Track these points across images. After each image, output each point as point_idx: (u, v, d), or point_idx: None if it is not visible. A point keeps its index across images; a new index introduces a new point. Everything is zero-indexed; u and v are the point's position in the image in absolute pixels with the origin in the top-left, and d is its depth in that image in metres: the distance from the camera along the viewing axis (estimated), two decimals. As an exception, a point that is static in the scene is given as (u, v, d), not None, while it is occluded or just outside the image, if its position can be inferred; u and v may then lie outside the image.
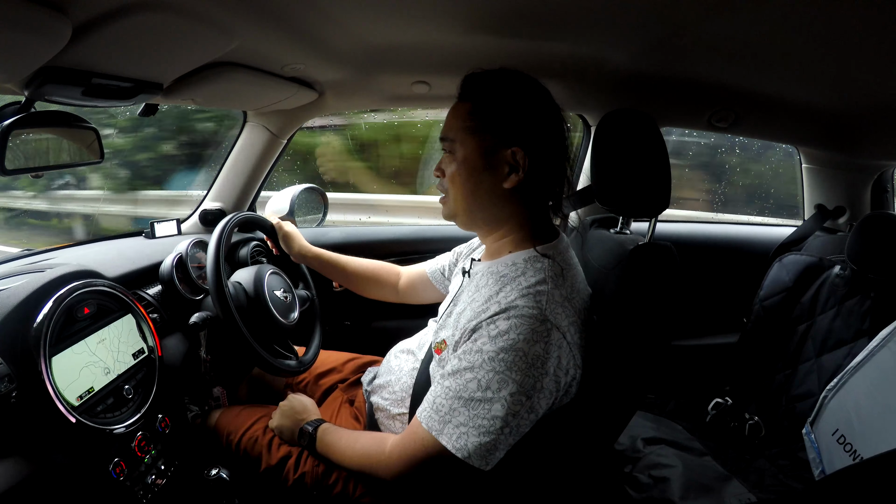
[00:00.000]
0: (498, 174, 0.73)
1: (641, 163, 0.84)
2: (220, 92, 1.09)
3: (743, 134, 1.49)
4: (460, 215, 0.79)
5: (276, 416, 0.95)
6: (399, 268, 1.18)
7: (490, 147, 0.73)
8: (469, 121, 0.74)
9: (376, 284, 1.16)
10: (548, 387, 0.66)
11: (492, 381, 0.65)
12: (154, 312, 1.04)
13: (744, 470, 1.20)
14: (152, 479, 0.88)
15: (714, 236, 1.72)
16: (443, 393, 0.69)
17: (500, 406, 0.64)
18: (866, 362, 1.03)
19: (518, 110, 0.73)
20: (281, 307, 1.04)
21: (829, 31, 0.79)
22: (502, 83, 0.74)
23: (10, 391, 0.70)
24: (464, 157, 0.74)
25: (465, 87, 0.77)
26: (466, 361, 0.67)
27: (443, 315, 0.85)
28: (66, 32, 0.59)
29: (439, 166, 0.79)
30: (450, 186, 0.77)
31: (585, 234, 1.02)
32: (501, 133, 0.72)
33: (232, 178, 1.49)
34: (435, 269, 1.10)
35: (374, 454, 0.76)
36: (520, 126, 0.72)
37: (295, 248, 1.12)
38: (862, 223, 1.21)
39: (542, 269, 0.71)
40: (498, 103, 0.73)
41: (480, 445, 0.65)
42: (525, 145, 0.72)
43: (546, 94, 0.75)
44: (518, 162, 0.72)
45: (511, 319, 0.65)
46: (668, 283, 0.76)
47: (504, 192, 0.74)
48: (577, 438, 0.79)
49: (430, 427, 0.68)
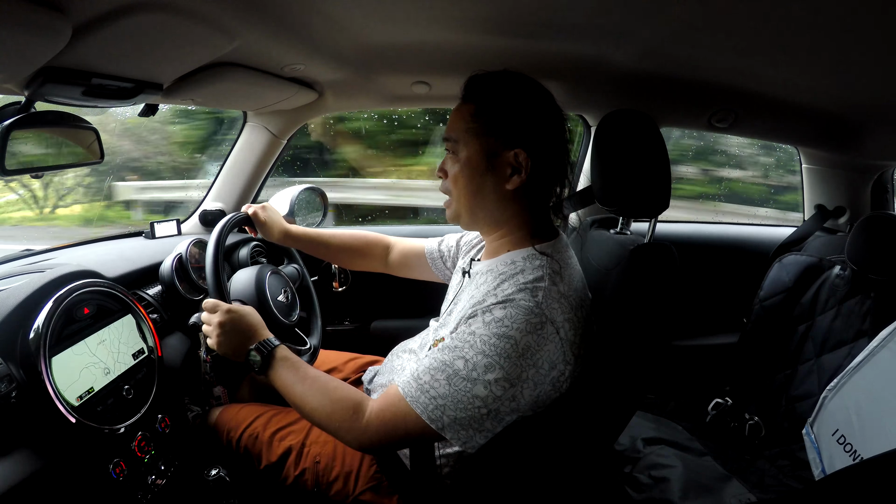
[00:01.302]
0: (500, 175, 0.74)
1: (641, 163, 0.84)
2: (220, 92, 1.09)
3: (743, 134, 1.49)
4: (463, 216, 0.79)
5: (215, 329, 0.80)
6: (389, 239, 1.16)
7: (493, 149, 0.74)
8: (472, 122, 0.75)
9: (362, 256, 1.14)
10: (532, 378, 0.67)
11: (479, 363, 0.66)
12: (154, 313, 1.04)
13: (744, 470, 1.20)
14: (152, 479, 0.88)
15: (714, 236, 1.73)
16: (427, 364, 0.69)
17: (482, 387, 0.66)
18: (866, 362, 1.03)
19: (521, 112, 0.73)
20: (282, 307, 1.04)
21: (829, 32, 0.79)
22: (505, 85, 0.75)
23: (10, 391, 0.70)
24: (467, 159, 0.75)
25: (468, 88, 0.77)
26: (458, 340, 0.68)
27: (444, 314, 0.85)
28: (66, 32, 0.59)
29: (442, 167, 0.80)
30: (452, 187, 0.78)
31: (585, 234, 1.02)
32: (504, 135, 0.73)
33: (232, 178, 1.50)
34: (434, 250, 1.08)
35: (346, 417, 0.71)
36: (522, 128, 0.73)
37: (275, 232, 1.09)
38: (862, 223, 1.21)
39: (540, 266, 0.72)
40: (501, 105, 0.74)
41: (456, 420, 0.67)
42: (527, 147, 0.72)
43: (548, 97, 0.76)
44: (520, 163, 0.73)
45: (507, 309, 0.67)
46: (667, 283, 0.76)
47: (506, 192, 0.74)
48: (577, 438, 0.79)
49: (407, 394, 0.69)
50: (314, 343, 1.14)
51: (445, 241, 1.07)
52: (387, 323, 1.65)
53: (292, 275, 1.20)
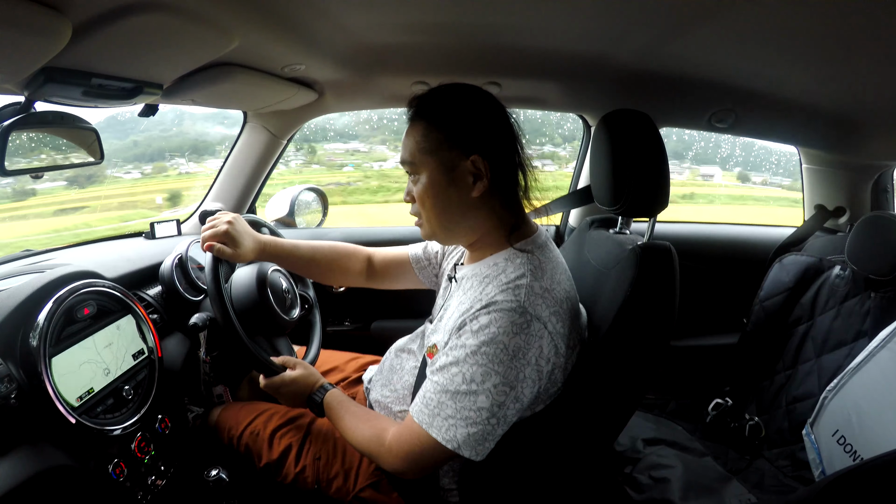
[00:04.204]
0: (464, 186, 0.74)
1: (640, 163, 0.84)
2: (220, 92, 1.09)
3: (743, 134, 1.49)
4: (438, 233, 0.79)
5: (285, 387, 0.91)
6: (368, 250, 1.08)
7: (450, 162, 0.74)
8: (424, 142, 0.75)
9: (338, 272, 1.06)
10: (530, 376, 0.68)
11: (475, 373, 0.67)
12: (154, 313, 1.04)
13: (744, 470, 1.20)
14: (152, 479, 0.88)
15: (714, 237, 1.72)
16: (431, 388, 0.72)
17: (484, 397, 0.67)
18: (866, 363, 1.03)
19: (468, 119, 0.74)
20: (282, 305, 1.04)
21: (829, 32, 0.79)
22: (448, 97, 0.75)
23: (10, 392, 0.70)
24: (428, 178, 0.75)
25: (413, 108, 0.78)
26: (452, 357, 0.70)
27: (435, 319, 0.85)
28: (66, 32, 0.59)
29: (408, 191, 0.80)
30: (421, 209, 0.78)
31: (585, 234, 1.02)
32: (458, 145, 0.73)
33: (232, 178, 1.50)
34: (420, 257, 1.03)
35: (375, 444, 0.78)
36: (473, 134, 0.73)
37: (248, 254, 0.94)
38: (862, 224, 1.21)
39: (521, 264, 0.73)
40: (448, 117, 0.74)
41: (469, 436, 0.68)
42: (482, 151, 0.73)
43: (487, 96, 0.76)
44: (480, 169, 0.73)
45: (491, 314, 0.67)
46: (667, 283, 0.76)
47: (473, 200, 0.75)
48: (576, 438, 0.79)
49: (421, 421, 0.71)
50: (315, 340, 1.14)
51: (430, 245, 1.03)
52: (387, 323, 1.65)
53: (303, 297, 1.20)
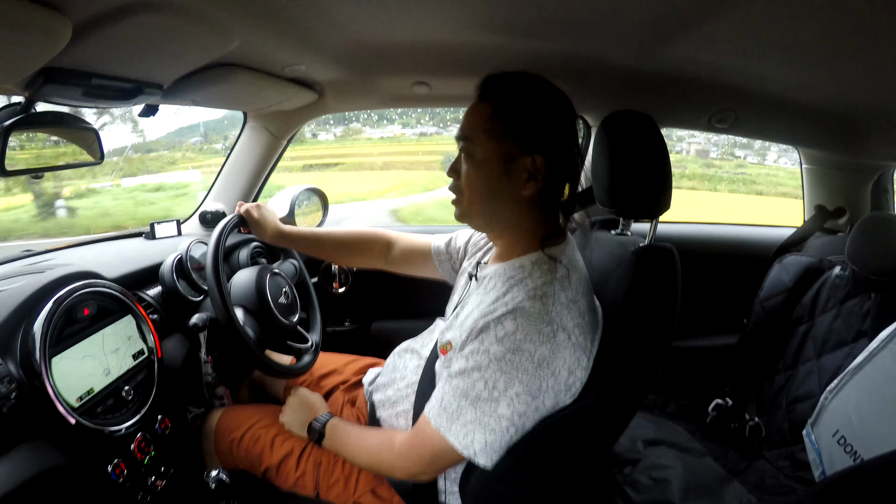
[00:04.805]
0: (516, 180, 0.71)
1: (642, 164, 0.84)
2: (220, 93, 1.09)
3: (743, 134, 1.49)
4: (475, 218, 0.77)
5: (286, 411, 0.94)
6: (391, 234, 1.11)
7: (511, 152, 0.71)
8: (490, 122, 0.72)
9: (361, 253, 1.11)
10: (553, 387, 0.67)
11: (498, 380, 0.65)
12: (154, 313, 1.04)
13: (744, 471, 1.20)
14: (152, 480, 0.88)
15: (714, 237, 1.72)
16: (451, 391, 0.70)
17: (505, 405, 0.66)
18: (867, 363, 1.03)
19: (542, 117, 0.71)
20: (282, 308, 1.04)
21: (829, 32, 0.79)
22: (526, 88, 0.73)
23: (10, 392, 0.70)
24: (483, 160, 0.72)
25: (485, 87, 0.74)
26: (473, 361, 0.67)
27: (450, 316, 0.85)
28: (66, 32, 0.59)
29: (454, 166, 0.77)
30: (465, 188, 0.75)
31: (588, 235, 1.02)
32: (524, 139, 0.71)
33: (232, 179, 1.50)
34: (441, 250, 1.04)
35: (383, 453, 0.77)
36: (543, 134, 0.71)
37: (269, 232, 1.06)
38: (862, 224, 1.21)
39: (548, 270, 0.70)
40: (522, 108, 0.71)
41: (487, 444, 0.67)
42: (546, 153, 0.70)
43: (566, 101, 0.74)
44: (538, 170, 0.70)
45: (518, 320, 0.65)
46: (667, 285, 0.76)
47: (521, 198, 0.72)
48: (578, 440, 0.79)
49: (439, 425, 0.70)
50: (315, 340, 1.14)
51: (454, 241, 1.04)
52: (387, 324, 1.65)
53: (289, 271, 1.20)
